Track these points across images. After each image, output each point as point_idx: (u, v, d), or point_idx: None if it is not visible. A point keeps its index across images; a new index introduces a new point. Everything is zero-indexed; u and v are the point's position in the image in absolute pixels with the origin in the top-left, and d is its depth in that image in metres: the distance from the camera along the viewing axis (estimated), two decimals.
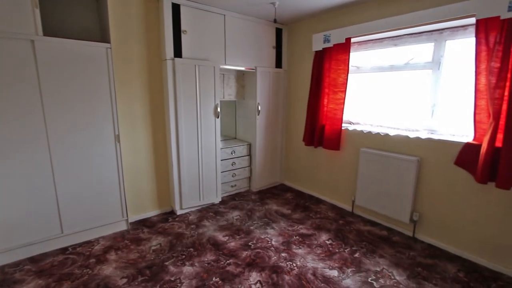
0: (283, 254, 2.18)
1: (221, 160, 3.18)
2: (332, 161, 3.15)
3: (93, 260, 2.08)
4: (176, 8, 2.54)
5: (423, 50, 2.42)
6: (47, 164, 2.09)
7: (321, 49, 2.95)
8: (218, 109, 2.92)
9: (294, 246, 2.30)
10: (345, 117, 3.00)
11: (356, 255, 2.18)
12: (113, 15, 2.32)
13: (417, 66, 2.47)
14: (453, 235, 2.22)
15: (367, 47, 2.82)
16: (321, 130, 3.08)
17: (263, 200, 3.28)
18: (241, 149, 3.43)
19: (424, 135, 2.34)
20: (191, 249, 2.24)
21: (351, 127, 2.92)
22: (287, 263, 2.07)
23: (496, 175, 1.87)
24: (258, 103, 3.29)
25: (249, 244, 2.32)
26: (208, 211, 2.96)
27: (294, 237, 2.44)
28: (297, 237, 2.44)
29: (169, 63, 2.55)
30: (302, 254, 2.19)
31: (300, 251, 2.23)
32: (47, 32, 2.07)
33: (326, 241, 2.38)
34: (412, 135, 2.39)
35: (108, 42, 2.23)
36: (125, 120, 2.54)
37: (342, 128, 2.92)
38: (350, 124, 3.03)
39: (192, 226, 2.63)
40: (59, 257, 2.12)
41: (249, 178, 3.61)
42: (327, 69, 2.92)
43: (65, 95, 2.10)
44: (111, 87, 2.28)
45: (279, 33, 3.43)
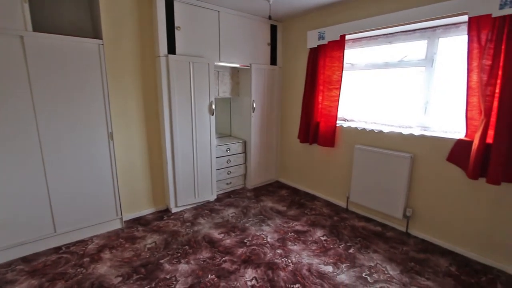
0: (279, 251, 2.20)
1: (216, 158, 3.17)
2: (327, 158, 3.16)
3: (87, 259, 2.07)
4: (170, 4, 2.51)
5: (417, 48, 2.44)
6: (39, 162, 2.05)
7: (316, 46, 2.95)
8: (213, 106, 2.91)
9: (289, 243, 2.31)
10: (340, 114, 3.01)
11: (351, 251, 2.20)
12: (105, 11, 2.28)
13: (411, 64, 2.49)
14: (445, 230, 2.26)
15: (362, 45, 2.83)
16: (316, 127, 3.09)
17: (259, 197, 3.29)
18: (236, 147, 3.42)
19: (417, 132, 2.36)
20: (187, 247, 2.24)
21: (346, 124, 2.94)
22: (283, 260, 2.08)
23: (487, 171, 1.90)
24: (253, 100, 3.28)
25: (245, 241, 2.33)
26: (204, 209, 2.96)
27: (289, 234, 2.46)
28: (292, 234, 2.46)
29: (163, 60, 2.53)
30: (297, 251, 2.20)
31: (295, 248, 2.24)
32: (37, 28, 2.02)
33: (321, 237, 2.40)
34: (406, 132, 2.42)
35: (100, 39, 2.19)
36: (119, 118, 2.51)
37: (337, 125, 2.94)
38: (345, 121, 3.05)
39: (187, 224, 2.62)
40: (52, 257, 2.09)
41: (244, 176, 3.61)
42: (322, 66, 2.93)
43: (57, 92, 2.06)
44: (104, 85, 2.25)
45: (274, 30, 3.41)
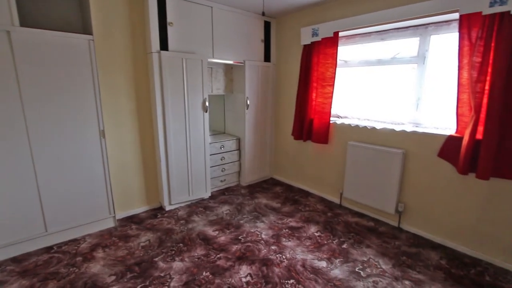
0: (273, 247, 2.21)
1: (210, 155, 3.16)
2: (321, 155, 3.18)
3: (80, 259, 2.04)
4: None
5: (409, 45, 2.46)
6: (28, 161, 2.01)
7: (310, 43, 2.95)
8: (207, 103, 2.88)
9: (284, 239, 2.33)
10: (333, 111, 3.02)
11: (344, 246, 2.23)
12: (96, 6, 2.23)
13: (403, 61, 2.51)
14: (436, 225, 2.30)
15: (355, 41, 2.84)
16: (310, 124, 3.10)
17: (253, 194, 3.29)
18: (230, 144, 3.41)
19: (409, 128, 2.39)
20: (181, 245, 2.23)
21: (339, 121, 2.95)
22: (277, 256, 2.09)
23: (476, 167, 1.94)
24: (247, 97, 3.27)
25: (239, 238, 2.34)
26: (198, 206, 2.95)
27: (284, 230, 2.47)
28: (287, 230, 2.47)
29: (155, 56, 2.49)
30: (292, 247, 2.22)
31: (290, 244, 2.26)
32: (25, 23, 1.97)
33: (315, 233, 2.42)
34: (398, 128, 2.45)
35: (91, 34, 2.15)
36: (111, 115, 2.47)
37: (331, 122, 2.96)
38: (338, 118, 3.07)
39: (182, 222, 2.61)
40: (44, 256, 2.06)
41: (239, 173, 3.61)
42: (316, 63, 2.93)
43: (46, 89, 2.01)
44: (95, 81, 2.21)
45: (268, 26, 3.40)
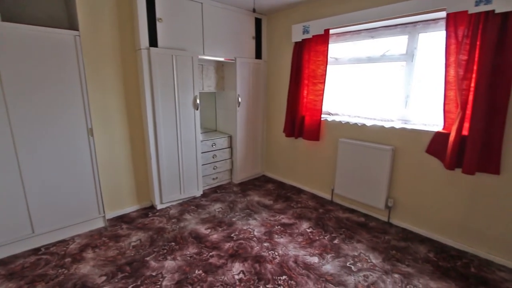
0: (265, 244, 2.22)
1: (202, 153, 3.14)
2: (312, 152, 3.21)
3: (69, 260, 2.00)
4: None
5: (398, 43, 2.49)
6: (13, 160, 1.95)
7: (301, 40, 2.95)
8: (198, 101, 2.86)
9: (276, 236, 2.34)
10: (324, 108, 3.04)
11: (335, 242, 2.26)
12: (81, 1, 2.17)
13: (393, 58, 2.54)
14: (424, 219, 2.36)
15: (345, 39, 2.86)
16: (301, 121, 3.12)
17: (245, 192, 3.29)
18: (222, 141, 3.39)
19: (398, 125, 2.43)
20: (173, 243, 2.21)
21: (330, 118, 2.98)
22: (269, 253, 2.10)
23: (463, 162, 1.99)
24: (238, 95, 3.26)
25: (232, 236, 2.34)
26: (190, 205, 2.93)
27: (276, 227, 2.49)
28: (279, 227, 2.49)
29: (144, 53, 2.44)
30: (284, 243, 2.23)
31: (282, 240, 2.27)
32: (6, 18, 1.90)
33: (307, 230, 2.45)
34: (387, 125, 2.49)
35: (77, 30, 2.09)
36: (99, 113, 2.42)
37: (322, 119, 2.98)
38: (329, 115, 3.09)
39: (173, 220, 2.59)
40: (31, 258, 2.01)
41: (231, 170, 3.60)
42: (307, 60, 2.94)
43: (30, 87, 1.95)
44: (82, 78, 2.15)
45: (259, 23, 3.38)
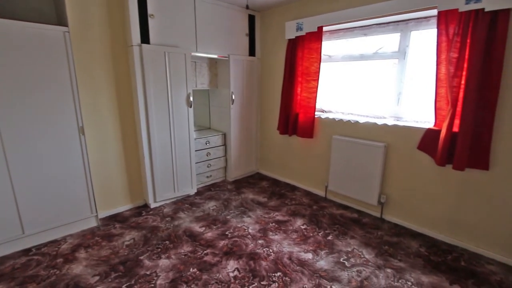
0: (260, 241, 2.23)
1: (196, 151, 3.12)
2: (306, 149, 3.22)
3: (61, 260, 1.97)
4: None
5: (391, 40, 2.51)
6: (1, 160, 1.90)
7: (294, 38, 2.94)
8: (191, 99, 2.83)
9: (271, 233, 2.35)
10: (318, 106, 3.06)
11: (329, 238, 2.28)
12: None
13: (385, 56, 2.56)
14: (416, 214, 2.40)
15: (339, 36, 2.87)
16: (295, 119, 3.13)
17: (239, 190, 3.29)
18: (216, 139, 3.38)
19: (391, 122, 2.46)
20: (167, 242, 2.20)
21: (324, 115, 2.99)
22: (264, 250, 2.11)
23: (453, 158, 2.03)
24: (232, 92, 3.24)
25: (226, 234, 2.34)
26: (184, 203, 2.91)
27: (270, 224, 2.50)
28: (273, 224, 2.50)
29: (136, 50, 2.41)
30: (278, 240, 2.24)
31: (276, 237, 2.28)
32: None
33: (301, 226, 2.46)
34: (380, 122, 2.51)
35: (66, 26, 2.04)
36: (90, 111, 2.38)
37: (315, 116, 2.99)
38: (323, 112, 3.11)
39: (167, 219, 2.58)
40: (22, 259, 1.98)
41: (225, 168, 3.59)
42: (300, 58, 2.94)
43: (18, 84, 1.90)
44: (72, 75, 2.11)
45: (252, 20, 3.36)
